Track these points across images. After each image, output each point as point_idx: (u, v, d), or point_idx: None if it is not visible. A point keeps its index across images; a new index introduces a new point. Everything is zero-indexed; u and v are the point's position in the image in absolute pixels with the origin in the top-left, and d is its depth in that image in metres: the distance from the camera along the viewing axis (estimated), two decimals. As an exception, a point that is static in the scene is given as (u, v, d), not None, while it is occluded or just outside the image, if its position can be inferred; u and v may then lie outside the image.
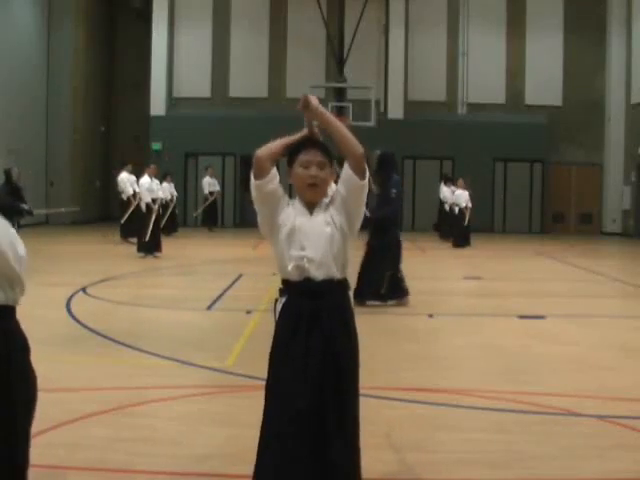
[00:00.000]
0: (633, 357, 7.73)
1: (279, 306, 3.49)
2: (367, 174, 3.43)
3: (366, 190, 3.46)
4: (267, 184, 3.42)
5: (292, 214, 3.43)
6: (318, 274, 3.38)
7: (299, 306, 3.39)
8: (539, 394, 6.08)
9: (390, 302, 10.41)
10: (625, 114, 27.35)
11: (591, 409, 5.69)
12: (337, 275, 3.43)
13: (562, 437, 5.06)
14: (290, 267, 3.39)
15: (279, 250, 3.45)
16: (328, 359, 3.34)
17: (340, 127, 3.45)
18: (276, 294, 3.54)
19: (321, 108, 3.48)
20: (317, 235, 3.39)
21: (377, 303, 10.32)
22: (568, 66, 28.05)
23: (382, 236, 10.31)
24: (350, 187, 3.42)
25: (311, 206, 3.46)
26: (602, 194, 28.21)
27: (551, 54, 27.85)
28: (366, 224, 10.17)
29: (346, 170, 3.42)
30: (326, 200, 3.49)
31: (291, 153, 3.52)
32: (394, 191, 10.38)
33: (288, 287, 3.46)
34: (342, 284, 3.48)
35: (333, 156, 3.52)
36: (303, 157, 3.47)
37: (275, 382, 3.40)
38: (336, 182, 3.60)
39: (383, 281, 10.29)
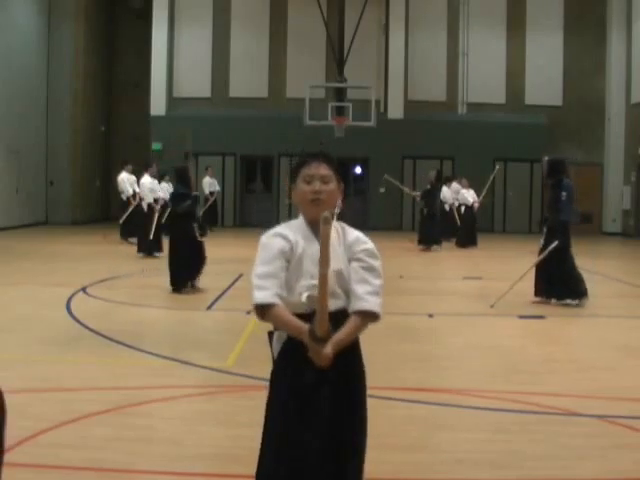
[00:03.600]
0: (633, 357, 7.73)
1: (278, 341, 3.16)
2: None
3: None
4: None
5: (298, 242, 3.10)
6: (331, 305, 2.99)
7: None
8: (539, 394, 6.08)
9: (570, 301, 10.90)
10: (625, 114, 27.35)
11: (591, 409, 5.69)
12: (347, 305, 3.13)
13: (562, 437, 5.06)
14: (304, 298, 3.04)
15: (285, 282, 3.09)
16: (343, 402, 3.10)
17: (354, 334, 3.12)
18: (270, 326, 3.22)
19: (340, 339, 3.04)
20: None
21: (573, 302, 10.78)
22: (568, 66, 28.05)
23: (561, 237, 10.77)
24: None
25: (316, 225, 3.05)
26: (602, 194, 28.21)
27: (551, 54, 27.85)
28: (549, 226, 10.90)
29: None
30: (336, 226, 3.15)
31: (293, 169, 3.23)
32: (564, 194, 10.83)
33: None
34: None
35: (339, 170, 3.22)
36: (305, 171, 3.17)
37: (282, 430, 3.08)
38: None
39: (570, 279, 10.82)
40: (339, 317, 3.07)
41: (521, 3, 28.01)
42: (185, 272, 11.65)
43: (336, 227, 3.17)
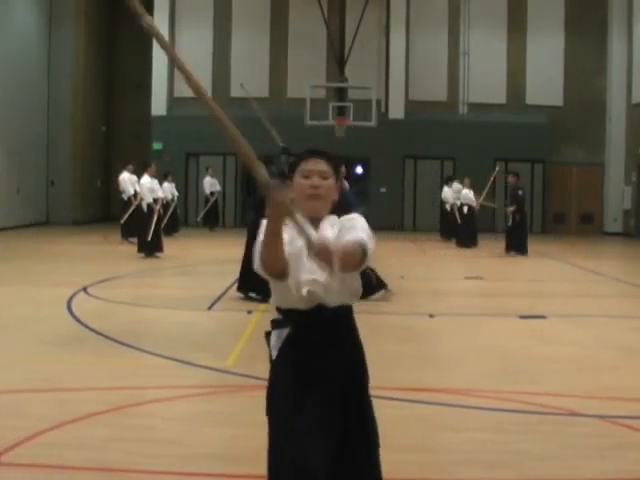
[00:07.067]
0: (633, 357, 7.73)
1: (277, 341, 3.04)
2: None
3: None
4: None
5: (296, 235, 2.86)
6: (332, 300, 2.98)
7: (311, 340, 2.97)
8: (539, 394, 6.08)
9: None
10: (626, 114, 27.35)
11: (591, 409, 5.69)
12: (349, 301, 3.07)
13: (562, 437, 5.06)
14: (305, 292, 2.93)
15: None
16: (351, 398, 3.03)
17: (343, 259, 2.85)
18: (268, 326, 3.13)
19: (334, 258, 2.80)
20: None
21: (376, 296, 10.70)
22: (569, 66, 28.05)
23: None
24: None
25: (314, 221, 3.01)
26: (603, 194, 28.21)
27: (552, 54, 27.85)
28: None
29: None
30: (333, 218, 3.10)
31: (292, 163, 3.22)
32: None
33: (292, 318, 3.00)
34: (351, 309, 3.13)
35: (339, 166, 3.21)
36: (304, 166, 3.12)
37: (290, 433, 2.92)
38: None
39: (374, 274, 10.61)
40: (339, 313, 3.02)
41: (522, 4, 28.02)
42: None
43: (331, 221, 3.11)
